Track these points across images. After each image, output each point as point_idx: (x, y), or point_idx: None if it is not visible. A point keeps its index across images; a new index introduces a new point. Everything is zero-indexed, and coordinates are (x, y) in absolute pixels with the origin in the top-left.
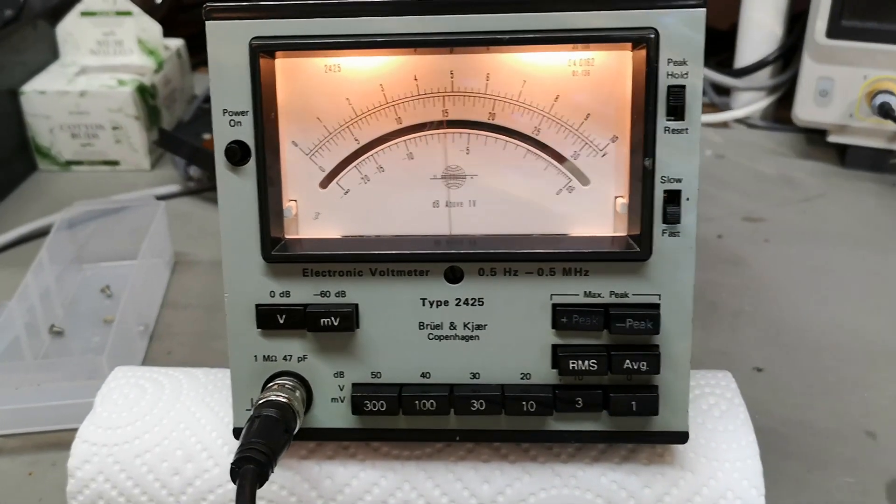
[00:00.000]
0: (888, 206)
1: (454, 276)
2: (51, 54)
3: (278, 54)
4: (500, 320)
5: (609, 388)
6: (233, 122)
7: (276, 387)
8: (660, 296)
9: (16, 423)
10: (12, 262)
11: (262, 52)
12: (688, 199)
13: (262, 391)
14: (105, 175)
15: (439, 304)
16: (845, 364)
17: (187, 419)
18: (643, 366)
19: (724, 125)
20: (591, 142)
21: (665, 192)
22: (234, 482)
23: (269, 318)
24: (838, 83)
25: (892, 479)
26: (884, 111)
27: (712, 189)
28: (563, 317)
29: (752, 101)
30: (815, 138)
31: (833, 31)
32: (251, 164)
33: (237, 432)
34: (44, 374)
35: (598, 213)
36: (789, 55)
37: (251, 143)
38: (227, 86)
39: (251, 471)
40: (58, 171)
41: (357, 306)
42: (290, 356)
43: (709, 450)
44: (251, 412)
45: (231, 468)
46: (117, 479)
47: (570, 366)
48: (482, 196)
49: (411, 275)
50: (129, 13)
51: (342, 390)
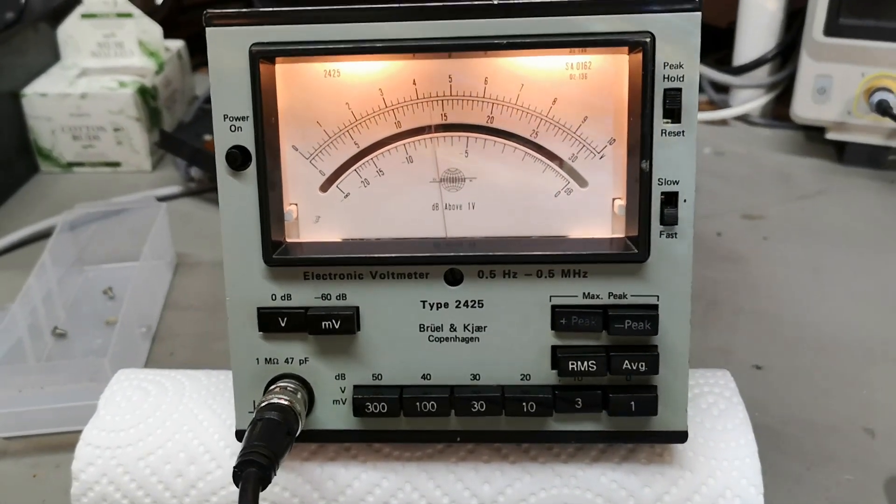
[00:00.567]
0: (887, 202)
1: (454, 279)
2: (52, 56)
3: (278, 60)
4: (499, 322)
5: (608, 389)
6: (233, 128)
7: (277, 389)
8: (658, 297)
9: (19, 426)
10: (15, 265)
11: (262, 57)
12: (685, 200)
13: (264, 394)
14: (106, 177)
15: (439, 306)
16: (844, 361)
17: (190, 422)
18: (642, 366)
19: (723, 123)
20: (588, 144)
21: (662, 193)
22: (237, 485)
23: (271, 322)
24: (836, 81)
25: (891, 477)
26: (882, 108)
27: (711, 186)
28: (562, 318)
29: (750, 98)
30: (813, 135)
31: (831, 29)
32: (252, 169)
33: (239, 435)
34: (47, 376)
35: (596, 214)
36: (787, 53)
37: (252, 147)
38: (227, 91)
39: (254, 474)
40: (59, 172)
41: (358, 309)
42: (292, 359)
43: (708, 449)
44: (253, 415)
45: (234, 471)
46: (121, 482)
47: (570, 366)
48: (481, 198)
49: (411, 277)
50: (129, 15)
51: (343, 392)
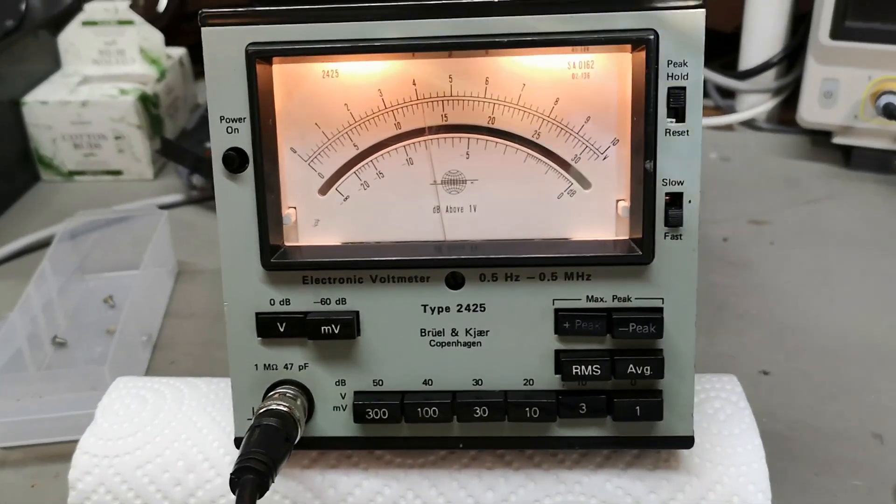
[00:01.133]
0: (894, 206)
1: (455, 282)
2: (53, 64)
3: (275, 60)
4: (502, 326)
5: (613, 393)
6: (230, 129)
7: (276, 395)
8: (663, 299)
9: (18, 435)
10: (14, 273)
11: (259, 57)
12: (690, 201)
13: (263, 400)
14: (108, 185)
15: (440, 310)
16: (852, 366)
17: (189, 429)
18: (647, 370)
19: (729, 128)
20: (591, 145)
21: (667, 194)
22: (234, 492)
23: (270, 327)
24: (843, 84)
25: None
26: (888, 112)
27: (717, 192)
28: (565, 322)
29: (756, 103)
30: (819, 140)
31: (837, 33)
32: (249, 172)
33: (238, 442)
34: (46, 385)
35: (599, 216)
36: (793, 57)
37: (249, 150)
38: (223, 92)
39: (251, 481)
40: (60, 181)
41: (358, 313)
42: (291, 364)
43: (714, 454)
44: (252, 421)
45: (230, 478)
46: (119, 491)
47: (574, 371)
48: (482, 201)
49: (412, 281)
50: (130, 22)
51: (344, 398)
